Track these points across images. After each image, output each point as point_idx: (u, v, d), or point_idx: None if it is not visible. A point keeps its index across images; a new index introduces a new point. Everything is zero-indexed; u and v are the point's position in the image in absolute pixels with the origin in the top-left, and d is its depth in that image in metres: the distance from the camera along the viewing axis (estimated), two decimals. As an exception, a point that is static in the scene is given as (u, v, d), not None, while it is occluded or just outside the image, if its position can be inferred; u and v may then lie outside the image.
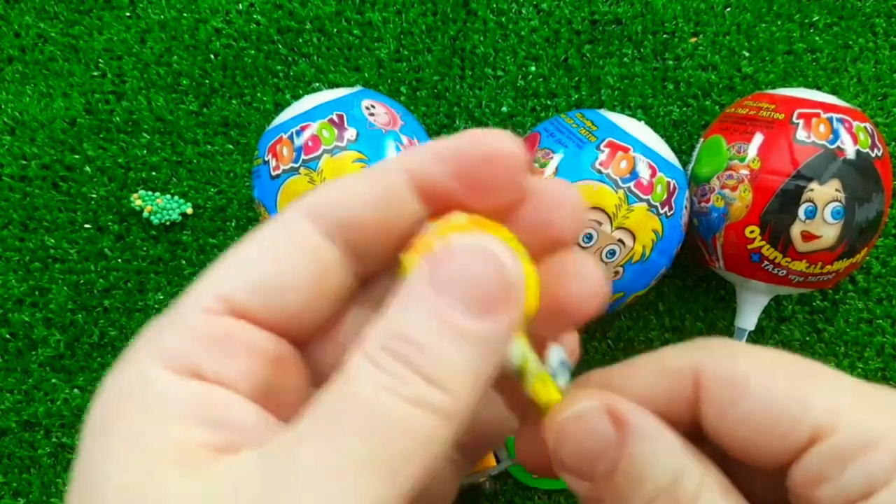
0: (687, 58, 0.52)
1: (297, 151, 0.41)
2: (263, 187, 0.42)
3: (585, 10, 0.52)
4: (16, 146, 0.52)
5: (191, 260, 0.51)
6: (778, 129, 0.41)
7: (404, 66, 0.52)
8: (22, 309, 0.50)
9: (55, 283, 0.51)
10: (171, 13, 0.53)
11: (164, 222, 0.51)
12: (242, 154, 0.52)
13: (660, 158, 0.41)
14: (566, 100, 0.52)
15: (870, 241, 0.43)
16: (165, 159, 0.52)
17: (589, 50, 0.52)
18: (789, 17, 0.52)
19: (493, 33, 0.52)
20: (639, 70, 0.52)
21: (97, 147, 0.52)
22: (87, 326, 0.50)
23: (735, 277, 0.45)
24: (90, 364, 0.50)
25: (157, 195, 0.51)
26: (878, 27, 0.52)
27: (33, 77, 0.53)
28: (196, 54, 0.53)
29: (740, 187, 0.42)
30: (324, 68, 0.53)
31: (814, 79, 0.52)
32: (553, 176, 0.40)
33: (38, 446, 0.49)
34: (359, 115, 0.42)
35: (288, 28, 0.53)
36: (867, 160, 0.41)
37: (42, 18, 0.53)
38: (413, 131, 0.44)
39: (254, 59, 0.53)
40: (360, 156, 0.40)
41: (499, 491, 0.49)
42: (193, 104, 0.52)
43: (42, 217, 0.51)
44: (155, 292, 0.50)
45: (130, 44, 0.53)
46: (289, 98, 0.52)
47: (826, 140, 0.41)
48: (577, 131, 0.41)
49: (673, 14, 0.52)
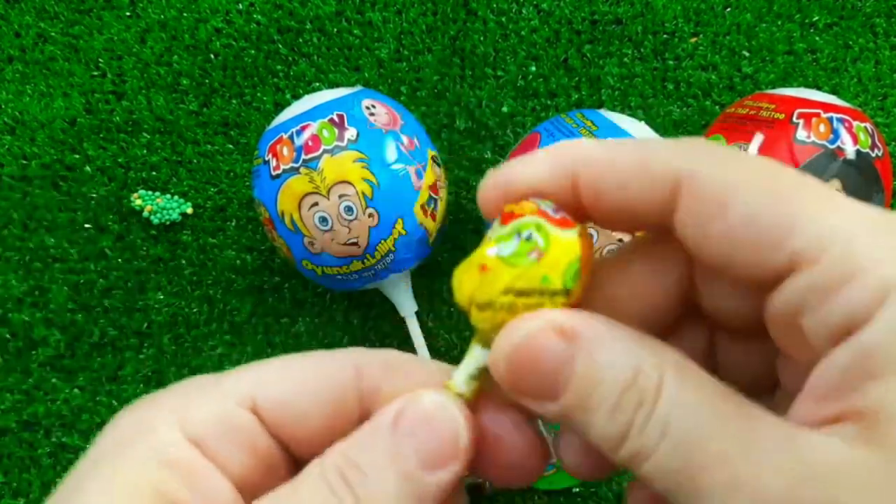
0: (687, 58, 0.52)
1: (297, 151, 0.41)
2: (263, 187, 0.42)
3: (585, 10, 0.52)
4: (16, 146, 0.52)
5: (191, 260, 0.51)
6: (778, 129, 0.41)
7: (404, 66, 0.52)
8: (22, 309, 0.50)
9: (55, 283, 0.51)
10: (171, 13, 0.53)
11: (164, 222, 0.51)
12: (242, 154, 0.52)
13: (660, 158, 0.41)
14: (566, 100, 0.52)
15: (870, 241, 0.43)
16: (165, 159, 0.52)
17: (589, 50, 0.52)
18: (789, 17, 0.52)
19: (493, 33, 0.52)
20: (639, 70, 0.52)
21: (97, 147, 0.52)
22: (87, 326, 0.50)
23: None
24: (90, 364, 0.50)
25: (157, 195, 0.51)
26: (878, 27, 0.52)
27: (33, 77, 0.53)
28: (196, 54, 0.53)
29: (740, 187, 0.42)
30: (324, 68, 0.53)
31: (814, 79, 0.52)
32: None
33: (38, 446, 0.49)
34: (359, 114, 0.42)
35: (288, 28, 0.53)
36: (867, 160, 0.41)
37: (42, 18, 0.53)
38: (413, 131, 0.44)
39: (254, 59, 0.53)
40: (360, 155, 0.40)
41: (499, 491, 0.49)
42: (193, 104, 0.52)
43: (42, 217, 0.51)
44: (155, 292, 0.50)
45: (130, 44, 0.53)
46: (289, 98, 0.52)
47: (826, 140, 0.41)
48: (578, 131, 0.41)
49: (673, 14, 0.52)
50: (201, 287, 0.51)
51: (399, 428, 0.16)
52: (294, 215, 0.41)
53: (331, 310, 0.51)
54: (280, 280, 0.51)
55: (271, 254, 0.51)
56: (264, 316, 0.51)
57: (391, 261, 0.43)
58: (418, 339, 0.47)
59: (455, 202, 0.51)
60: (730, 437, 0.14)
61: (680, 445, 0.14)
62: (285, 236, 0.42)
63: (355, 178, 0.40)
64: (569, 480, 0.47)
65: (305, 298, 0.51)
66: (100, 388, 0.49)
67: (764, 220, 0.14)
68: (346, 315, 0.51)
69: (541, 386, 0.15)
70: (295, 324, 0.51)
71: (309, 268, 0.43)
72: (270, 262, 0.51)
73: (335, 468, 0.16)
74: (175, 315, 0.50)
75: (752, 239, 0.14)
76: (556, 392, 0.15)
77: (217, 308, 0.50)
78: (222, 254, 0.51)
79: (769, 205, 0.14)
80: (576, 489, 0.47)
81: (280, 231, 0.42)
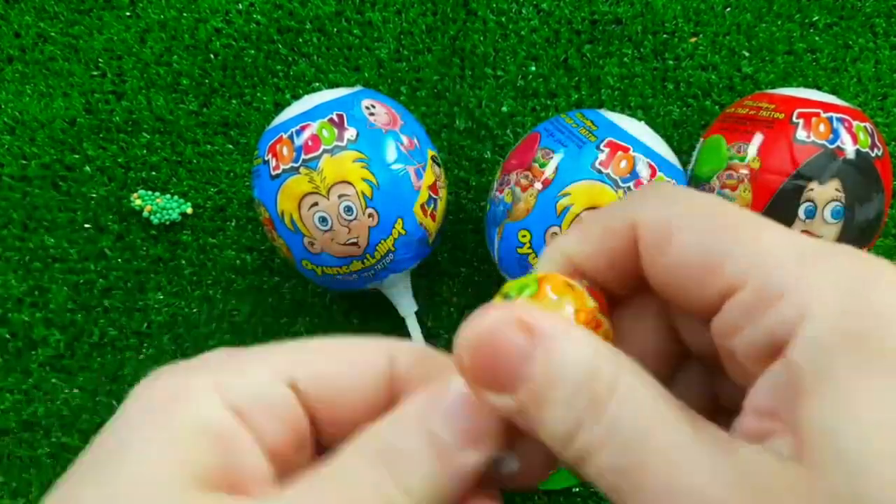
0: (687, 58, 0.52)
1: (297, 151, 0.41)
2: (263, 187, 0.42)
3: (585, 10, 0.52)
4: (16, 146, 0.52)
5: (191, 260, 0.51)
6: (778, 129, 0.41)
7: (404, 66, 0.52)
8: (22, 309, 0.50)
9: (55, 282, 0.51)
10: (171, 13, 0.53)
11: (164, 222, 0.51)
12: (242, 154, 0.52)
13: (660, 158, 0.41)
14: (566, 100, 0.52)
15: (870, 241, 0.43)
16: (165, 159, 0.52)
17: (589, 50, 0.52)
18: (789, 17, 0.52)
19: (493, 33, 0.52)
20: (639, 70, 0.52)
21: (97, 147, 0.52)
22: (87, 326, 0.50)
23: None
24: (90, 364, 0.50)
25: (156, 195, 0.51)
26: (878, 27, 0.52)
27: (33, 77, 0.53)
28: (196, 54, 0.53)
29: (740, 187, 0.42)
30: (324, 68, 0.53)
31: (814, 79, 0.52)
32: (553, 175, 0.40)
33: (38, 446, 0.49)
34: (359, 114, 0.42)
35: (288, 28, 0.53)
36: (867, 160, 0.41)
37: (42, 18, 0.53)
38: (413, 131, 0.44)
39: (254, 59, 0.53)
40: (360, 155, 0.40)
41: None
42: (193, 104, 0.52)
43: (42, 217, 0.51)
44: (155, 292, 0.50)
45: (130, 44, 0.53)
46: (289, 98, 0.52)
47: (826, 140, 0.41)
48: (577, 131, 0.41)
49: (673, 14, 0.52)
50: (201, 287, 0.51)
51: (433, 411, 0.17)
52: (294, 215, 0.41)
53: (331, 310, 0.51)
54: (280, 280, 0.51)
55: (271, 254, 0.51)
56: (264, 316, 0.51)
57: (391, 261, 0.43)
58: (418, 339, 0.47)
59: (455, 202, 0.51)
60: (674, 443, 0.14)
61: (626, 445, 0.14)
62: (285, 236, 0.42)
63: (355, 178, 0.40)
64: (569, 480, 0.47)
65: (305, 298, 0.51)
66: (100, 388, 0.49)
67: (701, 252, 0.16)
68: (346, 315, 0.51)
69: (499, 378, 0.16)
70: (294, 324, 0.51)
71: (309, 268, 0.43)
72: (270, 262, 0.51)
73: (373, 449, 0.16)
74: (175, 315, 0.50)
75: (692, 270, 0.16)
76: (513, 385, 0.16)
77: (217, 308, 0.50)
78: (222, 254, 0.51)
79: (706, 238, 0.16)
80: (576, 489, 0.47)
81: (280, 231, 0.42)
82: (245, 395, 0.17)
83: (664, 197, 0.17)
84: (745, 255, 0.15)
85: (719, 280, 0.15)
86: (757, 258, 0.15)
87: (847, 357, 0.13)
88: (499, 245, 0.42)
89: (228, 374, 0.17)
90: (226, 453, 0.16)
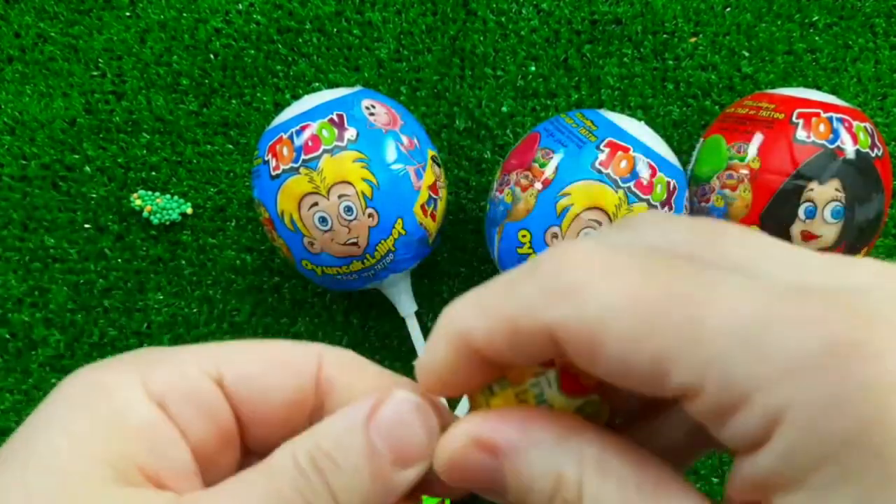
0: (687, 58, 0.52)
1: (297, 151, 0.41)
2: (263, 187, 0.42)
3: (585, 10, 0.52)
4: (16, 146, 0.52)
5: (191, 260, 0.51)
6: (778, 129, 0.41)
7: (404, 66, 0.52)
8: (22, 309, 0.50)
9: (55, 283, 0.51)
10: (171, 13, 0.53)
11: (164, 222, 0.51)
12: (242, 154, 0.52)
13: (660, 158, 0.41)
14: (566, 100, 0.52)
15: (870, 241, 0.43)
16: (165, 159, 0.52)
17: (589, 50, 0.52)
18: (789, 17, 0.52)
19: (493, 33, 0.52)
20: (639, 70, 0.52)
21: (97, 147, 0.52)
22: (87, 326, 0.50)
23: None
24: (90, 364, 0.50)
25: (156, 195, 0.51)
26: (878, 27, 0.52)
27: (33, 77, 0.53)
28: (196, 54, 0.53)
29: (740, 187, 0.42)
30: (324, 68, 0.53)
31: (814, 79, 0.52)
32: (553, 175, 0.40)
33: (38, 446, 0.49)
34: (359, 114, 0.42)
35: (288, 28, 0.53)
36: (867, 160, 0.41)
37: (42, 18, 0.53)
38: (413, 131, 0.44)
39: (254, 59, 0.53)
40: (360, 155, 0.40)
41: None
42: (193, 104, 0.52)
43: (42, 217, 0.51)
44: (155, 292, 0.50)
45: (130, 44, 0.53)
46: (289, 98, 0.52)
47: (826, 140, 0.41)
48: (577, 131, 0.41)
49: (673, 14, 0.52)
50: (201, 287, 0.51)
51: (374, 425, 0.17)
52: (294, 215, 0.41)
53: (331, 310, 0.51)
54: (280, 280, 0.51)
55: (271, 254, 0.51)
56: (264, 316, 0.51)
57: (391, 261, 0.43)
58: (418, 339, 0.47)
59: (455, 202, 0.51)
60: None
61: None
62: (285, 236, 0.42)
63: (355, 178, 0.40)
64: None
65: (305, 298, 0.51)
66: (100, 388, 0.49)
67: (639, 362, 0.14)
68: (346, 315, 0.51)
69: (485, 489, 0.16)
70: (295, 324, 0.51)
71: (309, 268, 0.43)
72: (270, 262, 0.51)
73: (309, 456, 0.16)
74: (175, 315, 0.50)
75: (634, 381, 0.14)
76: (502, 492, 0.16)
77: (217, 308, 0.50)
78: (222, 254, 0.51)
79: (641, 346, 0.13)
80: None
81: (280, 231, 0.42)
82: (170, 388, 0.17)
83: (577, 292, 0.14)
84: (689, 359, 0.13)
85: (669, 388, 0.14)
86: (702, 360, 0.13)
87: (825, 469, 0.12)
88: (499, 245, 0.42)
89: (154, 367, 0.17)
90: (148, 446, 0.16)
